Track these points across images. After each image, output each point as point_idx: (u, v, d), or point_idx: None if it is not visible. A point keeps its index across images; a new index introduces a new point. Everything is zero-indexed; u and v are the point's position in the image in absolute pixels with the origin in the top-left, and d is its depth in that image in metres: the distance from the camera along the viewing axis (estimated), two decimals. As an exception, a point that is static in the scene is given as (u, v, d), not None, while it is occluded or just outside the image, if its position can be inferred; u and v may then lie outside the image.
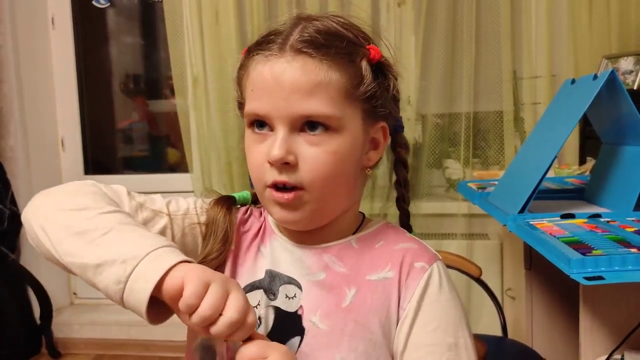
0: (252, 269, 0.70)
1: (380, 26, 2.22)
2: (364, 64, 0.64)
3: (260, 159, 0.63)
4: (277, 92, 0.61)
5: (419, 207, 2.15)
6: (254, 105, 0.63)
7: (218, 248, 0.68)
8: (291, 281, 0.67)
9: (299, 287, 0.67)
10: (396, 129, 0.72)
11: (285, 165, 0.61)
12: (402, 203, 0.75)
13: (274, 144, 0.61)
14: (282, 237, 0.71)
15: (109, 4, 2.62)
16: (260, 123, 0.64)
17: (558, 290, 1.40)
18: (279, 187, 0.62)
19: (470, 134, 2.10)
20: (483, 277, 1.53)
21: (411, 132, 2.15)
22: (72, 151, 2.70)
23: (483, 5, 2.11)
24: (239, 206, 0.75)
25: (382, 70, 0.66)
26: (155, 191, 2.57)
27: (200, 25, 2.26)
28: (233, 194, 0.74)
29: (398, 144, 0.73)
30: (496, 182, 1.51)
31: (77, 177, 2.69)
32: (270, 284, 0.68)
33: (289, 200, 0.62)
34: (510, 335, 1.53)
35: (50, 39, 2.62)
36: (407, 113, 2.14)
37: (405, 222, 0.75)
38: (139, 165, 2.86)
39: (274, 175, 0.62)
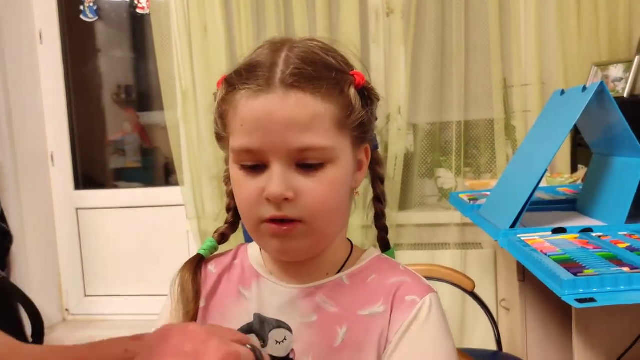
0: (236, 314, 0.68)
1: (369, 36, 2.23)
2: (352, 92, 0.63)
3: (254, 194, 0.61)
4: (271, 128, 0.59)
5: (411, 217, 2.14)
6: (245, 141, 0.61)
7: (190, 309, 0.67)
8: (280, 325, 0.65)
9: (289, 329, 0.65)
10: (373, 146, 0.71)
11: (284, 200, 0.60)
12: (381, 218, 0.73)
13: (272, 179, 0.59)
14: (270, 279, 0.68)
15: (97, 17, 2.61)
16: (251, 159, 0.61)
17: (553, 302, 1.38)
18: (276, 220, 0.61)
19: (461, 142, 2.10)
20: (477, 288, 1.51)
21: (402, 142, 2.15)
22: (62, 166, 2.67)
23: (472, 14, 2.11)
24: (212, 254, 0.74)
25: (367, 95, 0.65)
26: (147, 205, 2.55)
27: (189, 39, 2.25)
28: (200, 250, 0.73)
29: (374, 161, 0.72)
30: (488, 193, 1.50)
31: (68, 193, 2.67)
32: (260, 329, 0.66)
33: (286, 232, 0.61)
34: (505, 348, 1.52)
35: (38, 53, 2.60)
36: (398, 123, 2.14)
37: (383, 237, 0.74)
38: (130, 178, 2.84)
39: (272, 211, 0.60)
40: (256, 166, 0.61)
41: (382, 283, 0.65)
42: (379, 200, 0.73)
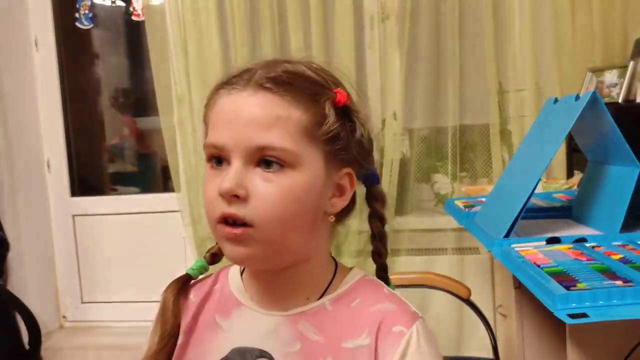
0: (214, 348, 0.66)
1: (364, 41, 2.22)
2: (328, 105, 0.62)
3: (214, 193, 0.61)
4: (234, 124, 0.60)
5: (408, 222, 2.14)
6: (213, 137, 0.62)
7: (166, 333, 0.66)
8: (263, 355, 0.64)
9: (272, 359, 0.64)
10: (371, 180, 0.69)
11: (236, 198, 0.59)
12: (378, 257, 0.71)
13: (227, 176, 0.59)
14: (251, 307, 0.67)
15: (92, 25, 2.60)
16: (218, 159, 0.62)
17: (548, 309, 1.38)
18: (228, 222, 0.60)
19: (457, 147, 2.10)
20: (474, 293, 1.51)
21: (398, 147, 2.15)
22: (58, 173, 2.67)
23: (466, 19, 2.11)
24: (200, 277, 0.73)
25: (347, 114, 0.64)
26: (143, 211, 2.52)
27: (184, 45, 2.25)
28: (188, 270, 0.72)
29: (373, 196, 0.69)
30: (483, 199, 1.50)
31: (64, 199, 2.67)
32: None
33: (237, 235, 0.59)
34: (503, 355, 1.52)
35: (34, 61, 2.60)
36: (394, 128, 2.14)
37: (382, 276, 0.72)
38: (128, 182, 2.83)
39: (223, 208, 0.60)
40: (221, 163, 0.61)
41: (366, 309, 0.64)
42: (374, 238, 0.70)
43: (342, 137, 0.63)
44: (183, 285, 0.71)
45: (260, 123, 0.59)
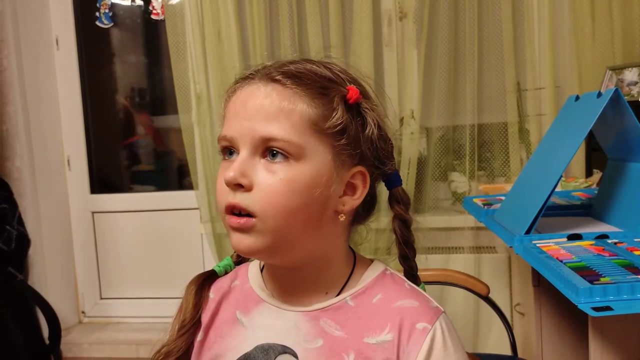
0: (232, 342, 0.67)
1: (382, 40, 2.23)
2: (337, 100, 0.62)
3: (222, 183, 0.62)
4: (242, 115, 0.61)
5: (425, 220, 2.14)
6: (224, 130, 0.64)
7: (186, 322, 0.68)
8: (286, 350, 0.64)
9: (295, 355, 0.64)
10: (392, 181, 0.69)
11: (240, 187, 0.60)
12: (404, 260, 0.71)
13: (232, 165, 0.61)
14: (272, 303, 0.67)
15: (112, 24, 2.64)
16: (230, 151, 0.63)
17: (568, 307, 1.38)
18: (234, 212, 0.61)
19: (475, 146, 2.10)
20: (491, 292, 1.51)
21: (416, 146, 2.15)
22: (78, 170, 2.71)
23: (485, 17, 2.10)
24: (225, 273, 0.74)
25: (358, 110, 0.64)
26: (162, 208, 2.55)
27: (203, 43, 2.27)
28: (215, 267, 0.73)
29: (395, 198, 0.69)
30: (502, 197, 1.50)
31: (84, 196, 2.71)
32: (264, 357, 0.65)
33: (241, 225, 0.60)
34: (520, 353, 1.52)
35: (55, 59, 2.64)
36: (411, 126, 2.14)
37: (411, 278, 0.71)
38: (144, 181, 2.86)
39: (229, 197, 0.61)
40: (232, 155, 0.63)
41: (388, 305, 0.64)
42: (398, 242, 0.69)
43: (350, 132, 0.63)
44: (206, 280, 0.72)
45: (265, 114, 0.60)
